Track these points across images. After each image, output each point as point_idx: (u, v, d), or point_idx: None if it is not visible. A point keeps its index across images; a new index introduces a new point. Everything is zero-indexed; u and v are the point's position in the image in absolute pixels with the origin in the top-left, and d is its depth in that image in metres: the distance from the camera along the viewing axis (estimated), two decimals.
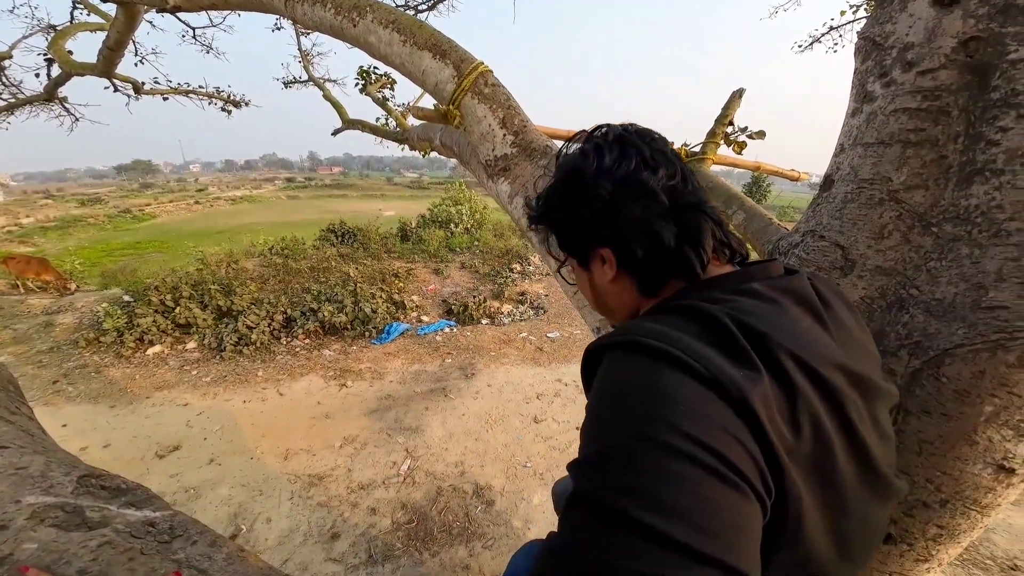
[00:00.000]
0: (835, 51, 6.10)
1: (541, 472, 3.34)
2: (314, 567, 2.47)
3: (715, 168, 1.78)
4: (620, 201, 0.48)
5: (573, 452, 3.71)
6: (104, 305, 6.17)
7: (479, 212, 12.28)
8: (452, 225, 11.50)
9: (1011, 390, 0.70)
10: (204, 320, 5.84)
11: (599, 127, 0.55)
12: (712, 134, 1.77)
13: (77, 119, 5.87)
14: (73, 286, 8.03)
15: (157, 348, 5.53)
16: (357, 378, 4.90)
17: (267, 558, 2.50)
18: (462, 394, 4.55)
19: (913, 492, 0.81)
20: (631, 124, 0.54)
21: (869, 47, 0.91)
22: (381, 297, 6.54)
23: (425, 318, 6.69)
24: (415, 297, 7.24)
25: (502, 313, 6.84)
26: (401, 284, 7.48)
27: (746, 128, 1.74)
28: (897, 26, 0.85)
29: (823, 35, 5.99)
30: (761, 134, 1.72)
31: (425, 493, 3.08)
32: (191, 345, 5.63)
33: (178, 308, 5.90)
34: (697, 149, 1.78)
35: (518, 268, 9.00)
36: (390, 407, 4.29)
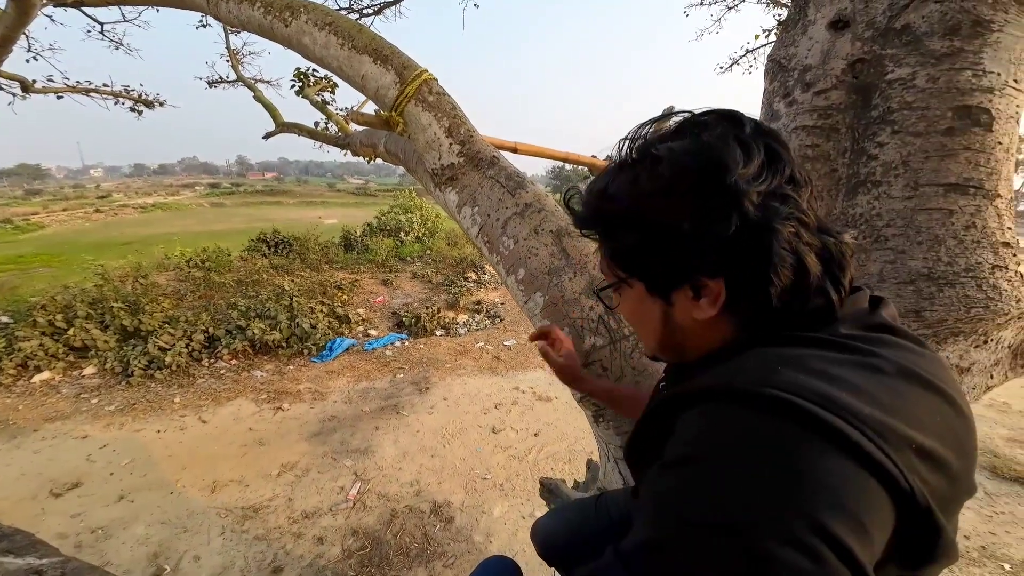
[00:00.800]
0: (750, 72, 6.85)
1: (501, 483, 3.35)
2: None
3: None
4: (767, 223, 0.36)
5: (532, 459, 3.75)
6: None
7: (431, 220, 12.16)
8: (402, 233, 11.27)
9: None
10: (105, 342, 5.24)
11: (723, 112, 0.41)
12: None
13: None
14: None
15: (46, 375, 4.88)
16: (295, 400, 4.62)
17: None
18: (416, 410, 4.45)
19: None
20: (760, 120, 0.41)
21: (775, 68, 1.06)
22: (322, 311, 6.23)
23: (373, 332, 6.46)
24: (361, 310, 6.98)
25: (457, 323, 6.79)
26: (345, 296, 7.19)
27: None
28: (799, 48, 0.99)
29: (740, 57, 6.71)
30: None
31: (378, 517, 2.96)
32: (89, 370, 5.02)
33: (72, 329, 5.26)
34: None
35: (473, 277, 9.00)
36: (335, 429, 4.09)
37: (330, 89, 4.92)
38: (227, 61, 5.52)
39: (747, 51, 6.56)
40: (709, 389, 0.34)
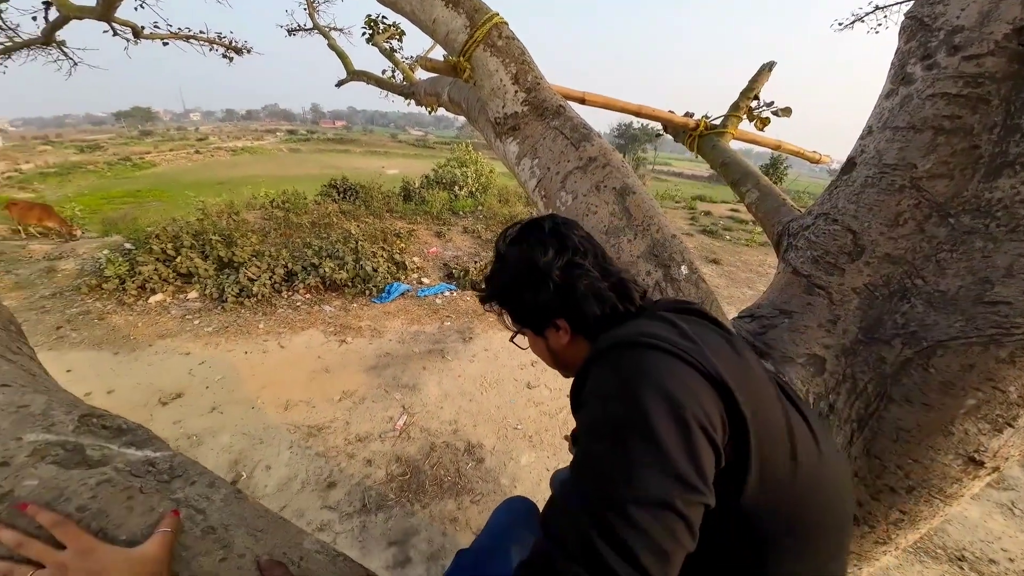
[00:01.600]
0: (877, 31, 5.66)
1: (531, 435, 3.43)
2: (310, 514, 2.59)
3: (735, 144, 1.68)
4: (570, 282, 0.61)
5: (563, 418, 3.80)
6: (105, 252, 6.15)
7: (485, 176, 11.96)
8: (456, 187, 11.23)
9: (996, 385, 0.70)
10: (205, 270, 5.83)
11: (532, 223, 0.68)
12: (735, 107, 1.65)
13: (76, 64, 5.61)
14: (79, 232, 7.98)
15: (159, 296, 5.56)
16: (357, 335, 4.95)
17: (265, 504, 2.62)
18: (459, 356, 4.61)
19: (882, 477, 0.83)
20: (557, 216, 0.68)
21: (915, 27, 0.85)
22: (382, 256, 6.49)
23: (426, 280, 6.67)
24: (416, 259, 7.18)
25: None
26: (402, 244, 7.41)
27: (772, 103, 1.62)
28: (948, 7, 0.80)
29: (867, 14, 5.53)
30: (787, 111, 1.61)
31: (419, 448, 3.18)
32: (193, 295, 5.66)
33: (179, 257, 5.88)
34: (718, 122, 1.67)
35: None
36: (388, 365, 4.36)
37: (398, 37, 4.79)
38: (304, 9, 5.50)
39: (877, 7, 5.39)
40: (615, 342, 0.51)
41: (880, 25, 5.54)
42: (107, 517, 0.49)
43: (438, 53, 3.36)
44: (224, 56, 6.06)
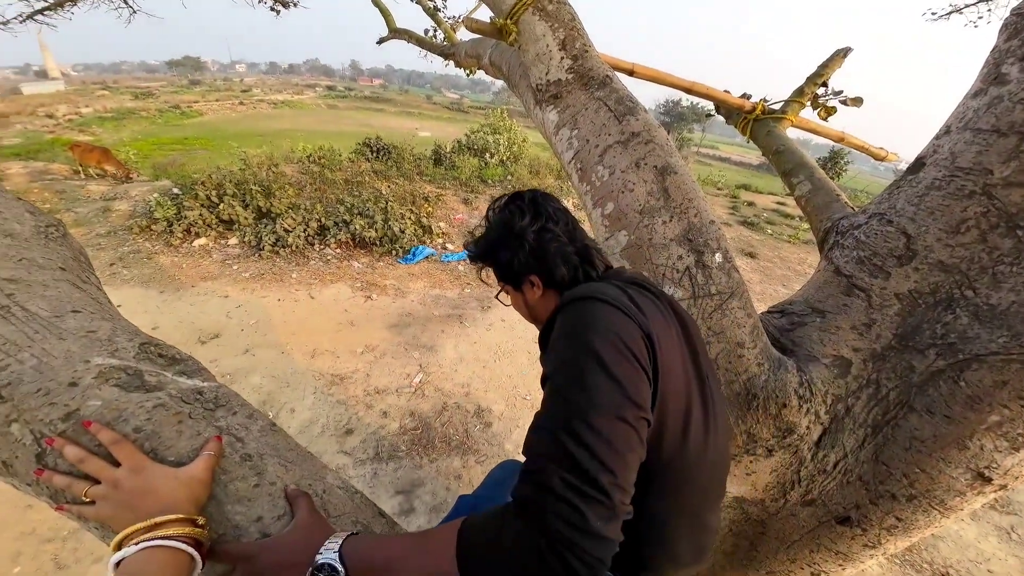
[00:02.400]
0: (976, 25, 4.97)
1: (538, 406, 3.51)
2: (327, 457, 2.77)
3: (793, 133, 1.56)
4: (542, 244, 0.70)
5: None
6: (155, 195, 6.43)
7: (517, 145, 11.65)
8: (487, 155, 11.02)
9: None
10: (245, 219, 6.03)
11: (515, 194, 0.77)
12: (799, 92, 1.51)
13: (135, 12, 5.66)
14: (135, 175, 8.33)
15: (203, 240, 5.82)
16: (381, 292, 5.08)
17: None
18: (476, 324, 4.69)
19: (885, 483, 0.83)
20: (537, 190, 0.77)
21: (1020, 24, 0.75)
22: (410, 218, 6.53)
23: (450, 246, 6.70)
24: (442, 224, 7.20)
25: None
26: (430, 208, 7.42)
27: (841, 92, 1.48)
28: None
29: (968, 6, 4.82)
30: (858, 101, 1.46)
31: (432, 406, 3.31)
32: (233, 241, 5.89)
33: (222, 204, 6.08)
34: (777, 107, 1.54)
35: None
36: (409, 324, 4.48)
37: None
38: None
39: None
40: (574, 296, 0.59)
41: (980, 19, 4.87)
42: (159, 438, 0.54)
43: (482, 13, 3.20)
44: (271, 8, 5.98)
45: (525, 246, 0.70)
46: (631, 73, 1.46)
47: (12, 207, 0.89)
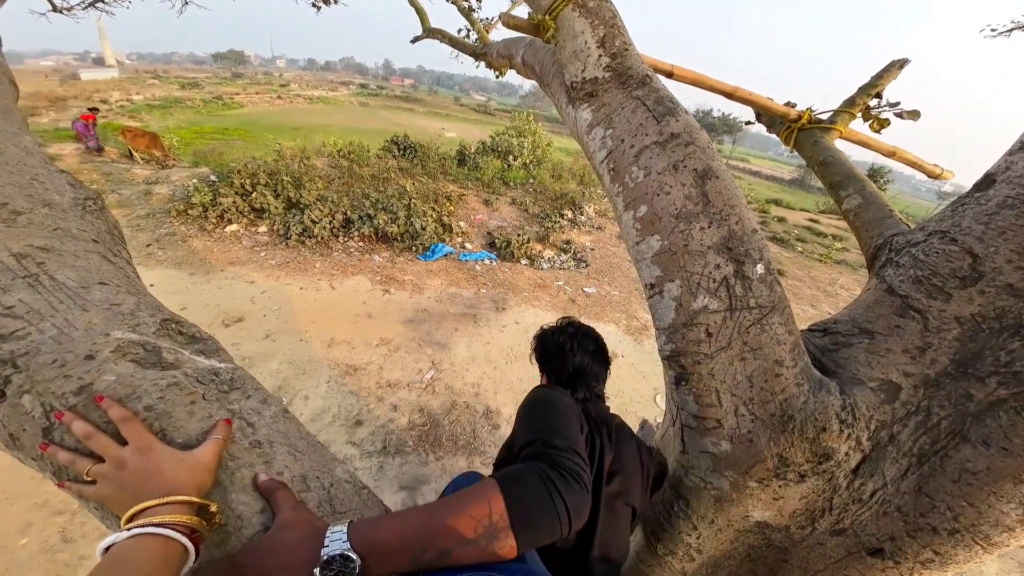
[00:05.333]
0: None
1: None
2: (335, 447, 2.77)
3: (840, 144, 1.46)
4: (553, 361, 1.11)
5: None
6: (194, 181, 6.66)
7: (541, 148, 11.62)
8: (511, 157, 11.02)
9: None
10: (275, 208, 6.18)
11: (569, 324, 1.17)
12: (851, 103, 1.42)
13: (187, 2, 5.90)
14: (173, 162, 8.69)
15: (234, 227, 5.98)
16: (399, 287, 5.11)
17: None
18: (490, 324, 4.66)
19: (927, 516, 0.78)
20: (579, 326, 1.15)
21: None
22: (431, 216, 6.57)
23: (468, 245, 6.71)
24: (462, 223, 7.22)
25: (543, 257, 6.71)
26: (452, 207, 7.45)
27: (897, 104, 1.37)
28: None
29: None
30: (915, 114, 1.35)
31: (442, 403, 3.29)
32: (262, 229, 6.04)
33: (255, 193, 6.25)
34: (825, 116, 1.45)
35: (569, 215, 8.63)
36: (424, 320, 4.49)
37: None
38: None
39: None
40: (542, 385, 0.98)
41: None
42: (169, 418, 0.51)
43: (520, 12, 3.19)
44: (313, 4, 6.14)
45: (545, 356, 1.12)
46: (670, 75, 1.40)
47: (55, 179, 0.89)
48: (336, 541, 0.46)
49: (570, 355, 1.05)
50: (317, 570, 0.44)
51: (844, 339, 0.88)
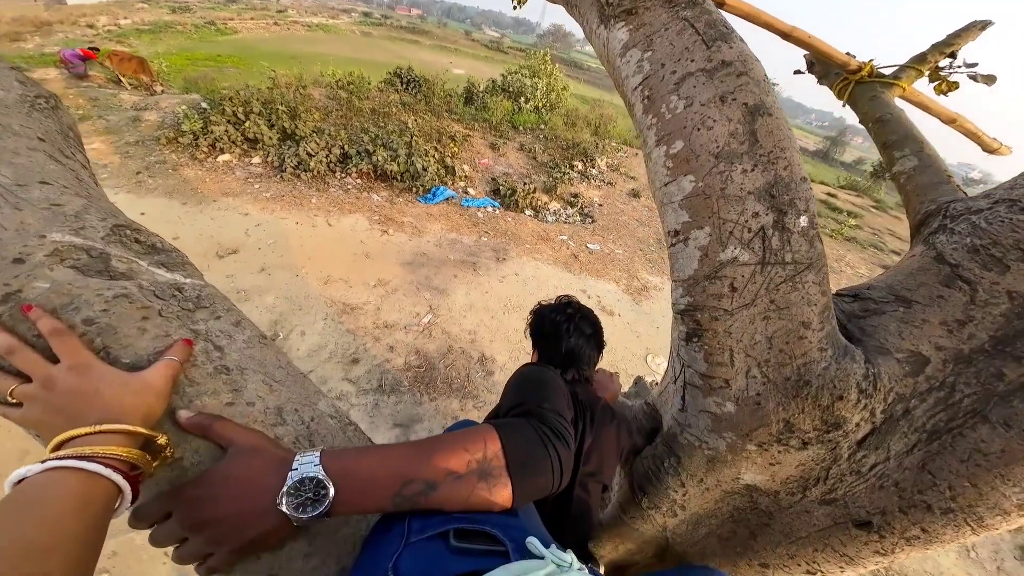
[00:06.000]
0: None
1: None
2: (332, 383, 2.81)
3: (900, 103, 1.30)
4: (546, 339, 1.09)
5: None
6: (184, 108, 6.24)
7: (556, 92, 10.85)
8: (522, 99, 10.32)
9: None
10: (270, 138, 5.86)
11: (568, 303, 1.14)
12: (920, 59, 1.24)
13: None
14: (159, 88, 8.23)
15: (227, 156, 5.70)
16: (399, 229, 4.98)
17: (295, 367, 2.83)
18: (490, 274, 4.59)
19: (924, 493, 0.76)
20: (579, 306, 1.13)
21: None
22: (434, 156, 6.26)
23: (472, 191, 6.46)
24: (466, 167, 6.90)
25: (548, 209, 6.49)
26: (455, 148, 7.08)
27: (975, 65, 1.19)
28: None
29: None
30: (991, 79, 1.18)
31: (438, 347, 3.31)
32: (256, 160, 5.76)
33: (248, 122, 5.90)
34: (888, 72, 1.28)
35: (579, 167, 8.25)
36: (423, 264, 4.41)
37: None
38: None
39: None
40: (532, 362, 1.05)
41: None
42: (114, 334, 0.44)
43: None
44: None
45: (540, 334, 1.10)
46: (721, 4, 1.21)
47: (2, 75, 0.77)
48: (307, 465, 0.40)
49: (565, 336, 1.03)
50: (283, 498, 0.39)
51: (876, 306, 0.80)
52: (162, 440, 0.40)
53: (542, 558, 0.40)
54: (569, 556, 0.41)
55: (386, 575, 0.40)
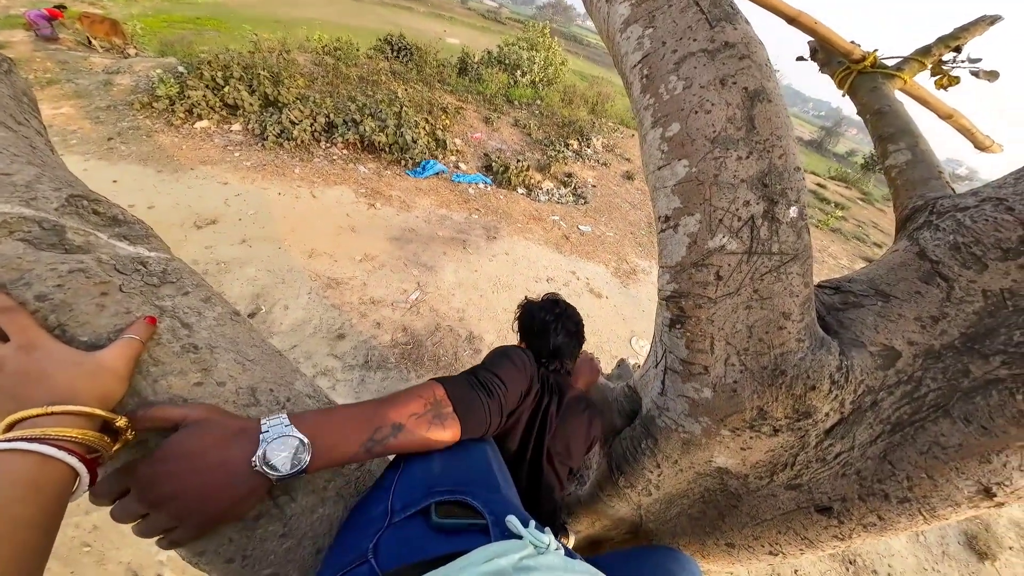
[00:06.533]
0: None
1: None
2: (317, 358, 2.78)
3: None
4: (534, 334, 1.15)
5: None
6: (159, 71, 5.86)
7: (554, 66, 10.51)
8: (519, 72, 9.98)
9: None
10: (250, 105, 5.58)
11: (555, 302, 1.21)
12: (924, 52, 1.21)
13: None
14: (133, 51, 7.87)
15: (204, 123, 5.42)
16: (386, 203, 4.86)
17: (278, 341, 2.78)
18: (480, 252, 4.55)
19: (883, 482, 0.79)
20: (564, 305, 1.21)
21: None
22: (424, 128, 6.06)
23: (463, 166, 6.31)
24: (458, 140, 6.71)
25: (541, 188, 6.40)
26: (447, 121, 6.86)
27: (978, 61, 1.17)
28: None
29: None
30: (993, 75, 1.17)
31: (425, 325, 3.29)
32: (236, 127, 5.50)
33: (227, 87, 5.59)
34: (891, 63, 1.25)
35: (574, 146, 8.10)
36: (411, 240, 4.34)
37: None
38: None
39: None
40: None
41: None
42: (70, 311, 0.41)
43: None
44: None
45: (528, 331, 1.16)
46: None
47: None
48: (277, 427, 0.41)
49: (553, 335, 1.13)
50: (259, 461, 0.39)
51: (856, 299, 0.82)
52: (121, 422, 0.38)
53: (520, 538, 0.40)
54: (547, 537, 0.42)
55: (365, 555, 0.40)
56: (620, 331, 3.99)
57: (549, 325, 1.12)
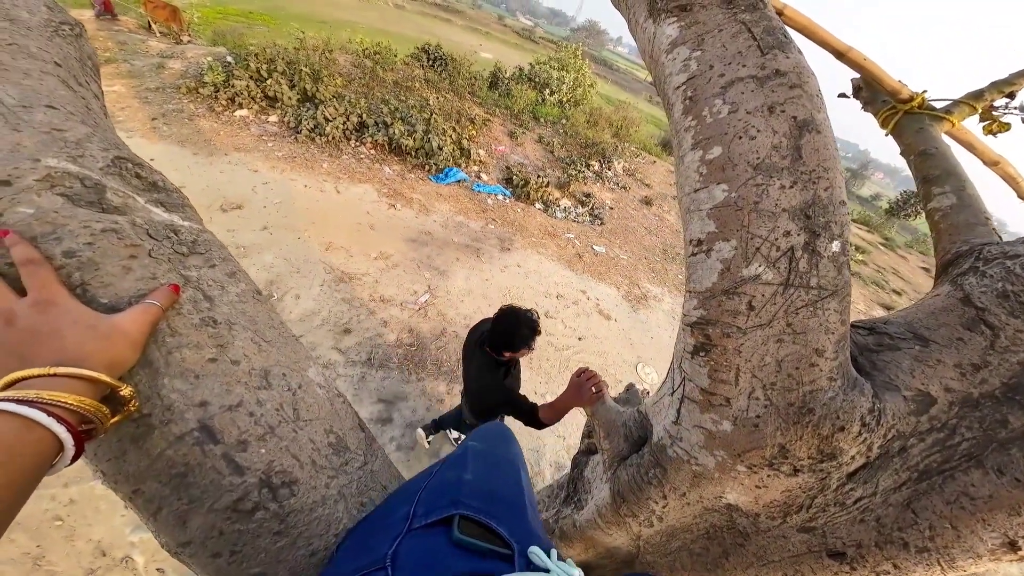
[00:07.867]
0: None
1: (532, 357, 3.46)
2: (321, 351, 2.77)
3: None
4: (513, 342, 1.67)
5: (568, 355, 3.79)
6: (209, 59, 6.12)
7: (583, 88, 10.66)
8: (547, 91, 10.14)
9: None
10: (289, 98, 5.76)
11: (525, 313, 1.67)
12: (976, 96, 1.18)
13: None
14: (187, 38, 8.22)
15: (244, 112, 5.60)
16: (406, 205, 4.91)
17: None
18: (492, 261, 4.55)
19: (903, 530, 0.76)
20: (531, 314, 1.69)
21: None
22: (451, 136, 6.16)
23: (484, 176, 6.38)
24: (482, 151, 6.80)
25: (558, 205, 6.41)
26: (474, 132, 6.97)
27: None
28: None
29: None
30: None
31: (431, 328, 3.28)
32: (273, 118, 5.66)
33: (269, 80, 5.80)
34: (940, 105, 1.22)
35: (595, 167, 8.14)
36: (426, 243, 4.36)
37: None
38: None
39: None
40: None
41: None
42: (96, 270, 0.40)
43: None
44: None
45: (516, 336, 1.61)
46: (780, 13, 1.15)
47: None
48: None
49: (532, 341, 1.62)
50: None
51: (892, 341, 0.78)
52: (126, 392, 0.36)
53: (547, 571, 0.37)
54: (576, 571, 0.39)
55: (384, 560, 0.37)
56: (627, 355, 3.92)
57: (530, 337, 1.67)
